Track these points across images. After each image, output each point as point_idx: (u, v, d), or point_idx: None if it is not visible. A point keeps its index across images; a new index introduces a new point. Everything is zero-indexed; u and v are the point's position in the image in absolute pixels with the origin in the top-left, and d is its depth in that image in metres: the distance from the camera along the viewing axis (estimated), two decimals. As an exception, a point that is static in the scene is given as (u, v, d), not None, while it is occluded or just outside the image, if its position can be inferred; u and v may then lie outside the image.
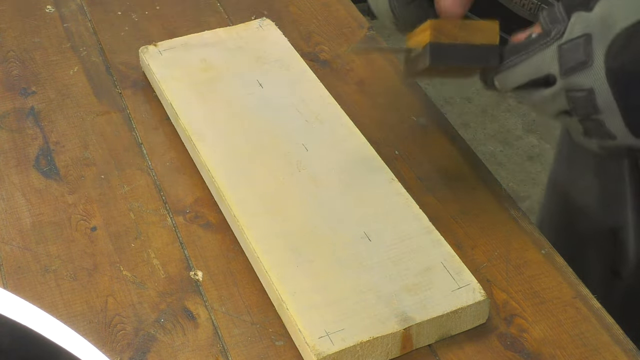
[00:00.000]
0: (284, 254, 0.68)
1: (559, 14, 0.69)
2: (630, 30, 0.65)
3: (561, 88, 0.65)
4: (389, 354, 0.64)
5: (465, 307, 0.65)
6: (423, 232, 0.70)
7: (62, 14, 0.96)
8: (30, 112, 0.84)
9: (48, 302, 0.67)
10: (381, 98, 0.86)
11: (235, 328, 0.66)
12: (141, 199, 0.75)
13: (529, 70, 0.67)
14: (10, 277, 0.69)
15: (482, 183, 0.78)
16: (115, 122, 0.83)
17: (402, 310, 0.64)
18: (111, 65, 0.89)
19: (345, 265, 0.67)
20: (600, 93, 0.64)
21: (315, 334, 0.62)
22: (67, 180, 0.77)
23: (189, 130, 0.78)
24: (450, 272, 0.67)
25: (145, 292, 0.68)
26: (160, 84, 0.83)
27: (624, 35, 0.64)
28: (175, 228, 0.73)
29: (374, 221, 0.71)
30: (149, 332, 0.65)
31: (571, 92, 0.65)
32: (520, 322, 0.67)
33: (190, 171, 0.78)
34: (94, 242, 0.72)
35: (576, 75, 0.65)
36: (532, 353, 0.65)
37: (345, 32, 0.94)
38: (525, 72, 0.68)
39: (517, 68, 0.68)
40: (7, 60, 0.90)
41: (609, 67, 0.64)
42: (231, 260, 0.71)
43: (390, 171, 0.75)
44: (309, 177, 0.75)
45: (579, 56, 0.65)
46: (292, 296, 0.65)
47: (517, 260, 0.71)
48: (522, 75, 0.68)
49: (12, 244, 0.71)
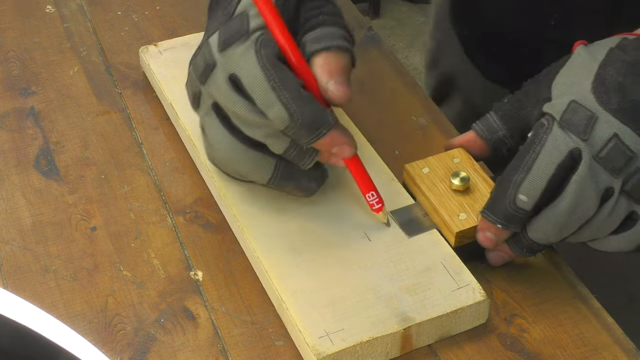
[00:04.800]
0: (284, 254, 0.68)
1: (494, 123, 0.71)
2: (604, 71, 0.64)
3: (590, 158, 0.62)
4: (389, 354, 0.64)
5: (465, 307, 0.65)
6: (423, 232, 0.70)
7: (62, 14, 0.96)
8: (30, 112, 0.84)
9: (48, 302, 0.67)
10: (381, 98, 0.86)
11: (235, 328, 0.66)
12: (141, 199, 0.75)
13: (548, 164, 0.63)
14: (10, 277, 0.69)
15: (482, 183, 0.78)
16: (115, 122, 0.83)
17: (402, 310, 0.64)
18: (111, 65, 0.89)
19: (345, 265, 0.67)
20: (624, 133, 0.62)
21: (315, 334, 0.62)
22: (67, 180, 0.77)
23: (189, 130, 0.78)
24: (450, 272, 0.67)
25: (145, 292, 0.68)
26: (160, 84, 0.83)
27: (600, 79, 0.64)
28: (175, 228, 0.73)
29: (374, 221, 0.71)
30: (149, 332, 0.65)
31: (602, 152, 0.62)
32: (520, 322, 0.67)
33: (190, 171, 0.78)
34: (94, 242, 0.72)
35: (597, 130, 0.62)
36: (532, 353, 0.65)
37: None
38: (545, 168, 0.63)
39: (534, 169, 0.63)
40: (7, 60, 0.90)
41: (613, 109, 0.63)
42: (231, 260, 0.71)
43: (390, 171, 0.75)
44: (309, 177, 0.74)
45: (582, 116, 0.63)
46: (292, 296, 0.65)
47: (517, 260, 0.71)
48: (543, 174, 0.63)
49: (12, 244, 0.71)
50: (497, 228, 0.65)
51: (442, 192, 0.70)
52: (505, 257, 0.68)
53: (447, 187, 0.70)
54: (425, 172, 0.71)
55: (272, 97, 0.63)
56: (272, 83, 0.63)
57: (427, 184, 0.70)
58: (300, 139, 0.64)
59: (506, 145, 0.71)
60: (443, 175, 0.71)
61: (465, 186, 0.69)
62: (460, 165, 0.71)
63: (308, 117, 0.63)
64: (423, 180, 0.71)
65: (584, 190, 0.62)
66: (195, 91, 0.69)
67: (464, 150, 0.73)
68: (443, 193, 0.70)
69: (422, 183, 0.71)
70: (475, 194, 0.70)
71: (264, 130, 0.65)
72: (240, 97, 0.64)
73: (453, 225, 0.68)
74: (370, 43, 0.93)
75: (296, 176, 0.68)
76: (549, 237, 0.65)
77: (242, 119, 0.65)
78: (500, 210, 0.64)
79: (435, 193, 0.70)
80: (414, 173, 0.71)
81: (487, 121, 0.71)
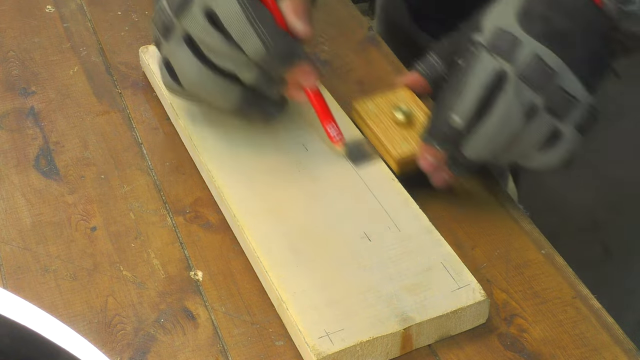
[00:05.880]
0: (284, 254, 0.68)
1: (434, 62, 0.77)
2: None
3: (515, 77, 0.66)
4: (389, 354, 0.64)
5: (465, 307, 0.65)
6: (423, 232, 0.70)
7: (62, 14, 0.96)
8: (30, 112, 0.84)
9: (48, 302, 0.67)
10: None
11: (235, 328, 0.66)
12: (141, 199, 0.75)
13: (476, 85, 0.68)
14: (10, 277, 0.69)
15: (482, 183, 0.78)
16: (115, 122, 0.83)
17: (402, 310, 0.64)
18: (111, 65, 0.89)
19: (345, 265, 0.67)
20: (545, 54, 0.67)
21: (315, 334, 0.62)
22: (67, 180, 0.77)
23: (189, 130, 0.78)
24: (450, 272, 0.67)
25: (145, 292, 0.68)
26: (160, 84, 0.83)
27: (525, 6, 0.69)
28: (175, 228, 0.73)
29: (373, 221, 0.71)
30: (149, 332, 0.65)
31: (525, 71, 0.67)
32: (520, 322, 0.67)
33: (190, 171, 0.78)
34: (93, 242, 0.72)
35: (520, 51, 0.67)
36: (532, 353, 0.65)
37: (345, 32, 0.94)
38: (474, 89, 0.68)
39: (464, 91, 0.68)
40: (7, 60, 0.90)
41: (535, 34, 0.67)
42: (231, 260, 0.71)
43: (390, 171, 0.75)
44: (309, 177, 0.75)
45: (507, 40, 0.68)
46: (292, 296, 0.65)
47: (517, 260, 0.71)
48: (472, 94, 0.68)
49: (12, 244, 0.71)
50: (436, 150, 0.70)
51: (387, 126, 0.76)
52: (446, 178, 0.73)
53: (391, 121, 0.76)
54: (371, 109, 0.78)
55: (249, 30, 0.69)
56: (249, 17, 0.69)
57: (373, 119, 0.77)
58: (272, 69, 0.72)
59: (446, 81, 0.75)
60: (387, 111, 0.77)
61: (408, 119, 0.76)
62: (404, 101, 0.78)
63: (281, 49, 0.70)
64: (369, 116, 0.77)
65: (510, 107, 0.67)
66: (168, 24, 0.73)
67: (407, 89, 0.79)
68: (387, 126, 0.76)
69: (368, 118, 0.77)
70: (417, 126, 0.76)
71: (236, 61, 0.71)
72: (215, 30, 0.70)
73: (395, 153, 0.74)
74: (370, 43, 0.93)
75: (260, 103, 0.74)
76: (481, 154, 0.69)
77: (216, 50, 0.71)
78: (436, 132, 0.70)
79: (380, 127, 0.76)
80: (360, 109, 0.78)
81: (427, 61, 0.78)
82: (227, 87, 0.72)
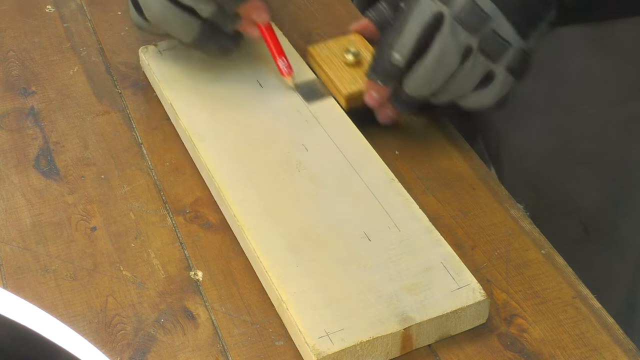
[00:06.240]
0: (284, 254, 0.68)
1: (384, 9, 0.83)
2: None
3: (451, 19, 0.71)
4: (389, 354, 0.64)
5: (465, 307, 0.65)
6: (423, 232, 0.70)
7: (62, 14, 0.96)
8: (30, 112, 0.84)
9: (48, 302, 0.67)
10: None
11: (235, 328, 0.66)
12: (141, 199, 0.75)
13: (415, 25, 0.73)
14: (10, 277, 0.69)
15: (482, 183, 0.78)
16: (115, 122, 0.83)
17: (402, 310, 0.64)
18: (111, 65, 0.89)
19: (345, 265, 0.67)
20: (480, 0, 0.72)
21: (315, 334, 0.62)
22: (67, 180, 0.77)
23: (189, 130, 0.78)
24: (450, 272, 0.67)
25: (145, 292, 0.68)
26: (160, 84, 0.83)
27: None
28: (175, 228, 0.73)
29: (373, 221, 0.71)
30: (149, 332, 0.65)
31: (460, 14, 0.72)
32: (520, 322, 0.67)
33: (190, 171, 0.78)
34: (93, 242, 0.72)
35: None
36: (532, 353, 0.65)
37: (345, 32, 0.94)
38: (413, 29, 0.73)
39: (405, 31, 0.73)
40: (7, 60, 0.90)
41: None
42: (231, 260, 0.71)
43: (390, 171, 0.75)
44: (309, 177, 0.75)
45: None
46: (292, 296, 0.65)
47: (517, 260, 0.71)
48: (412, 33, 0.73)
49: (12, 244, 0.71)
50: (379, 86, 0.76)
51: (338, 67, 0.82)
52: (390, 114, 0.79)
53: (342, 62, 0.83)
54: (324, 52, 0.84)
55: None
56: None
57: (326, 61, 0.83)
58: (226, 4, 0.78)
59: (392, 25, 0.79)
60: (339, 54, 0.83)
61: (357, 60, 0.82)
62: (354, 45, 0.84)
63: None
64: (322, 59, 0.83)
65: (446, 46, 0.72)
66: None
67: (358, 34, 0.86)
68: (338, 67, 0.82)
69: (321, 60, 0.83)
70: (365, 67, 0.80)
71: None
72: None
73: (344, 90, 0.80)
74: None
75: (217, 37, 0.80)
76: (420, 91, 0.75)
77: None
78: (379, 69, 0.76)
79: (332, 68, 0.82)
80: (314, 53, 0.84)
81: (377, 9, 0.85)
82: (186, 20, 0.78)
